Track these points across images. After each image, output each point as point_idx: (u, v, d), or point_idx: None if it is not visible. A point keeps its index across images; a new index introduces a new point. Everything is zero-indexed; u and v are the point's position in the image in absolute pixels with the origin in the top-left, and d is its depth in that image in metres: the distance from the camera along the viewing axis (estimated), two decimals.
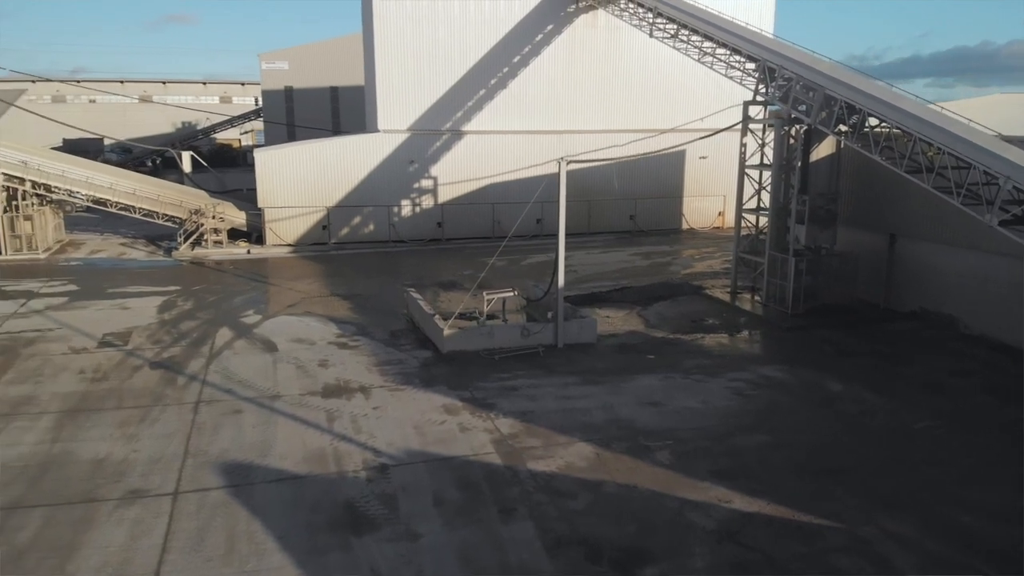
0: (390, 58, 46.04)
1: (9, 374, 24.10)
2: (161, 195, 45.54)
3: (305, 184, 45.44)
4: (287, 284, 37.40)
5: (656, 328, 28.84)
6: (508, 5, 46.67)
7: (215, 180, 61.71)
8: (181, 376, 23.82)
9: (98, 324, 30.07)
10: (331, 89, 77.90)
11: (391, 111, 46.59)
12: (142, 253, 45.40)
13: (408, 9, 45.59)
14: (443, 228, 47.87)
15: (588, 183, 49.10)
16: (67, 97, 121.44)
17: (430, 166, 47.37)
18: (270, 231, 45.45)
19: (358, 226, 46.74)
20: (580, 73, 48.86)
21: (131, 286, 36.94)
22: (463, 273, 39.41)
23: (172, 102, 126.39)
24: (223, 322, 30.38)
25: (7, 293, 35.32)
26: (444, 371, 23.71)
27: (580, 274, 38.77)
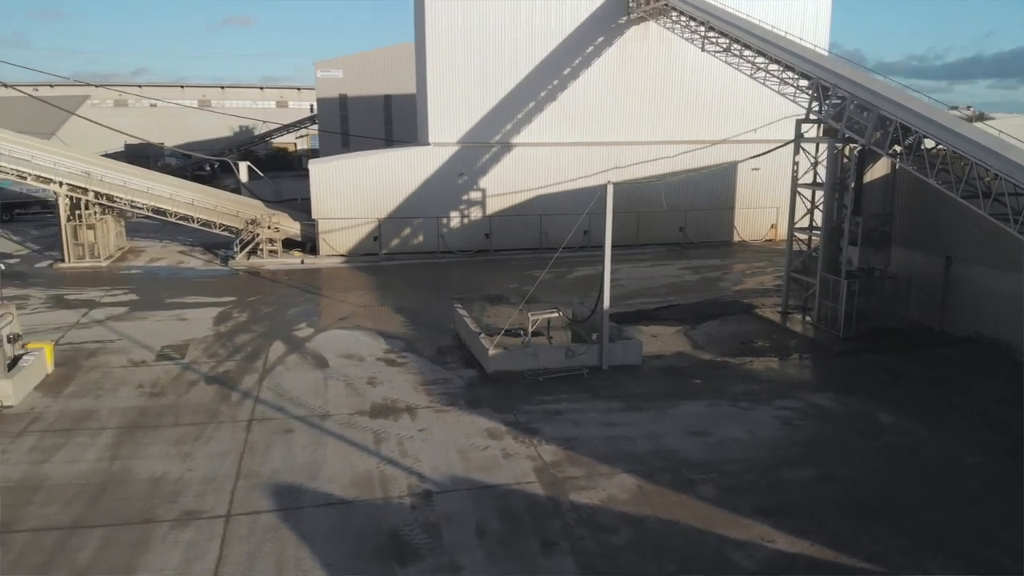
0: (441, 72, 46.56)
1: (71, 386, 25.10)
2: (219, 205, 46.77)
3: (357, 196, 46.22)
4: (339, 296, 38.10)
5: (704, 349, 28.65)
6: (559, 18, 46.78)
7: (271, 189, 62.90)
8: (235, 392, 24.50)
9: (157, 336, 31.09)
10: (384, 97, 78.93)
11: (441, 124, 47.10)
12: (199, 262, 46.69)
13: (459, 24, 46.03)
14: (491, 239, 48.20)
15: (637, 195, 48.79)
16: (129, 101, 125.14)
17: (479, 178, 47.74)
18: (323, 242, 46.34)
19: (408, 237, 47.36)
20: (630, 84, 48.73)
21: (188, 296, 38.06)
22: (509, 287, 39.66)
23: (230, 107, 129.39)
24: (276, 335, 31.13)
25: (70, 302, 36.70)
26: (488, 392, 23.95)
27: (627, 289, 38.66)
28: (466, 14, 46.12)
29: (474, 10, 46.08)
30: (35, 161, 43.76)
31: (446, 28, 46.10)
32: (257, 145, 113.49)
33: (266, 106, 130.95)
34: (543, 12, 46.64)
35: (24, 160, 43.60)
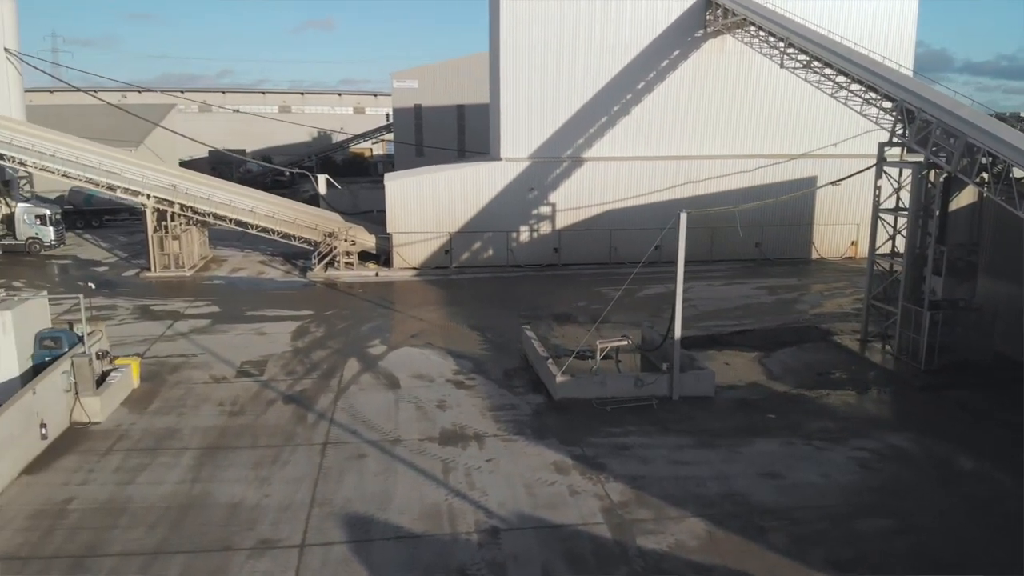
0: (514, 88, 46.81)
1: (156, 403, 26.20)
2: (298, 219, 48.07)
3: (430, 211, 46.87)
4: (410, 311, 38.70)
5: (779, 380, 28.06)
6: (634, 32, 46.47)
7: (348, 199, 64.36)
8: (311, 413, 25.17)
9: (237, 351, 32.17)
10: (457, 107, 79.69)
11: (513, 139, 47.36)
12: (279, 272, 48.07)
13: (534, 40, 46.19)
14: (560, 254, 48.21)
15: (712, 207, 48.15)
16: (213, 107, 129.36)
17: (549, 193, 47.80)
18: (397, 255, 47.14)
19: (478, 251, 47.77)
20: (706, 98, 48.05)
21: (268, 309, 39.24)
22: (577, 304, 39.63)
23: (309, 112, 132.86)
24: (351, 352, 31.84)
25: (155, 314, 38.27)
26: (556, 421, 23.99)
27: (699, 310, 38.15)
28: (541, 30, 46.25)
29: (548, 26, 46.17)
30: (124, 174, 45.81)
31: (520, 44, 46.32)
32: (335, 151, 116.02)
33: (344, 112, 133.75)
34: (618, 27, 46.40)
35: (114, 173, 45.67)
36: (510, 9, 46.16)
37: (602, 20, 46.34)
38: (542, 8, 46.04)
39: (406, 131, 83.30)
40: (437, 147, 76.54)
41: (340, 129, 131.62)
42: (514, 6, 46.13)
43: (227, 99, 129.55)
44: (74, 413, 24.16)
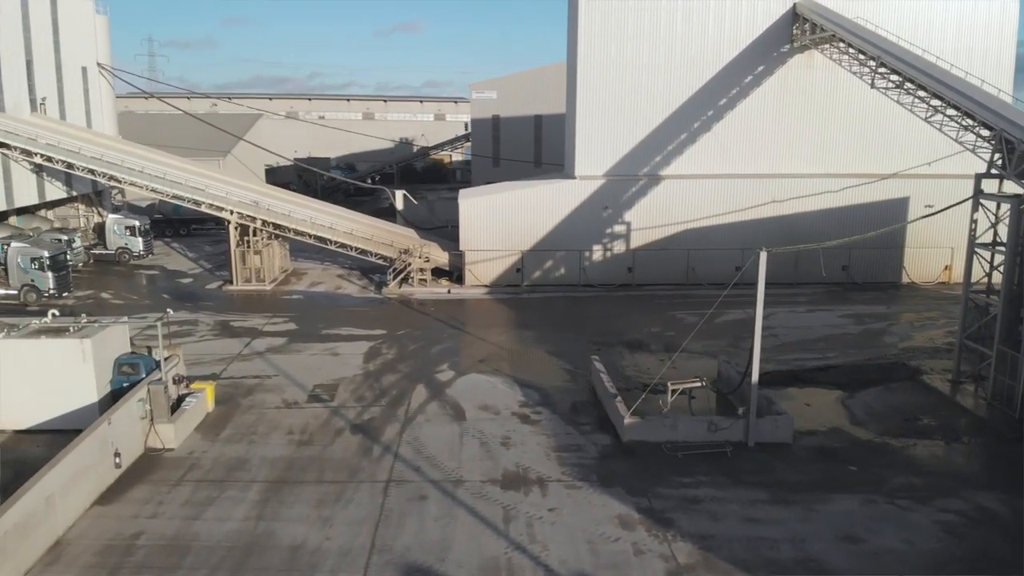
0: (590, 105, 46.14)
1: (228, 429, 26.68)
2: (375, 235, 48.59)
3: (502, 229, 46.64)
4: (480, 333, 38.51)
5: (862, 425, 26.61)
6: (716, 48, 45.17)
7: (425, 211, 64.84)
8: (377, 445, 25.18)
9: (310, 372, 32.59)
10: (535, 118, 79.39)
11: (588, 157, 46.69)
12: (355, 287, 48.68)
13: (612, 55, 45.42)
14: (634, 273, 47.25)
15: (798, 228, 46.57)
16: (299, 113, 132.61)
17: (624, 211, 46.91)
18: (469, 272, 47.10)
19: (550, 269, 47.28)
20: (791, 114, 46.34)
21: (343, 327, 39.69)
22: (651, 330, 38.71)
23: (391, 119, 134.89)
24: (419, 378, 31.85)
25: (234, 330, 39.18)
26: (623, 467, 23.29)
27: (781, 340, 36.72)
28: (619, 46, 45.47)
29: (627, 42, 45.34)
30: (209, 190, 47.18)
31: (598, 61, 45.63)
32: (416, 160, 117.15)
33: (425, 119, 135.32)
34: (700, 42, 45.19)
35: (199, 189, 47.08)
36: (588, 25, 45.52)
37: (684, 36, 45.20)
38: (621, 24, 45.23)
39: (484, 142, 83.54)
40: (514, 160, 76.45)
41: (421, 136, 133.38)
42: (592, 22, 45.48)
43: (313, 105, 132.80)
44: (149, 439, 24.81)
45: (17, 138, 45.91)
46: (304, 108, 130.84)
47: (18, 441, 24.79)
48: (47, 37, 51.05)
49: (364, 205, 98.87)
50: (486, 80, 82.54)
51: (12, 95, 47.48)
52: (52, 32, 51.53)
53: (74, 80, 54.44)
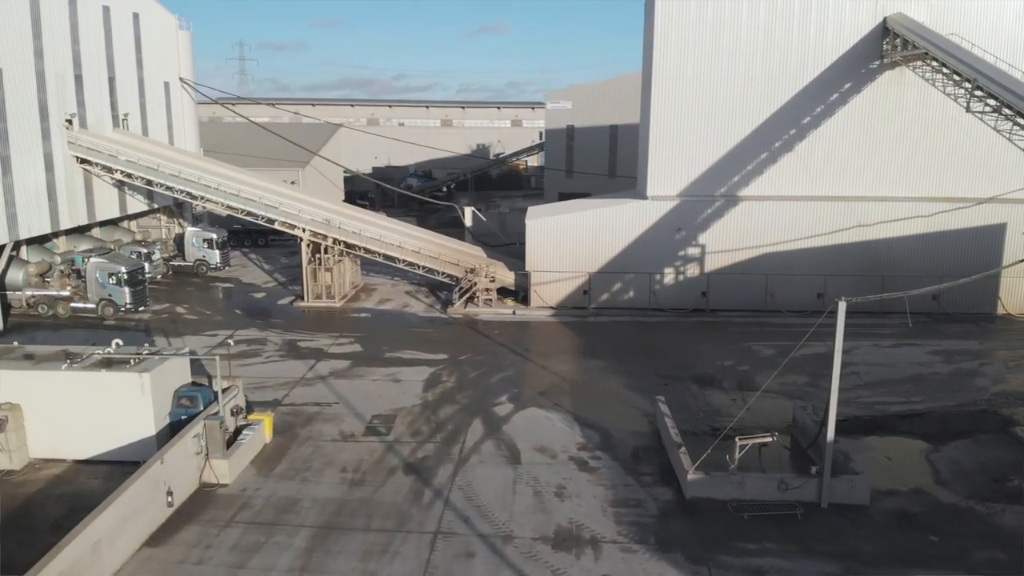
0: (665, 122, 44.60)
1: (283, 463, 26.50)
2: (442, 254, 48.22)
3: (569, 250, 45.57)
4: (542, 360, 37.55)
5: (947, 485, 24.53)
6: (800, 64, 43.00)
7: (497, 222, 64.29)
8: (428, 489, 24.53)
9: (370, 400, 32.30)
10: (610, 127, 77.92)
11: (661, 176, 45.16)
12: (422, 306, 48.41)
13: (689, 71, 43.78)
14: (708, 298, 45.43)
15: (885, 255, 44.19)
16: (380, 120, 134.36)
17: (698, 233, 45.15)
18: (535, 293, 46.19)
19: (618, 292, 45.93)
20: (879, 134, 43.74)
21: (406, 349, 39.36)
22: (723, 364, 37.00)
23: (469, 126, 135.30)
24: (477, 411, 31.14)
25: (301, 351, 39.31)
26: (684, 529, 21.94)
27: (862, 379, 34.54)
28: (696, 62, 43.78)
29: (705, 57, 43.61)
30: (282, 208, 47.64)
31: (673, 76, 44.05)
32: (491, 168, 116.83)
33: (502, 125, 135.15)
34: (782, 58, 43.09)
35: (272, 207, 47.61)
36: (664, 38, 44.00)
37: (765, 51, 43.18)
38: (699, 37, 43.53)
39: (557, 152, 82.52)
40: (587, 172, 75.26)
41: (498, 142, 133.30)
42: (668, 35, 43.94)
43: (394, 112, 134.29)
44: (204, 474, 24.79)
45: (98, 155, 47.36)
46: (385, 115, 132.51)
47: (76, 472, 25.14)
48: (130, 55, 52.59)
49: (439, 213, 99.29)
50: (561, 90, 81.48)
51: (94, 112, 49.02)
52: (135, 50, 53.06)
53: (156, 95, 55.97)
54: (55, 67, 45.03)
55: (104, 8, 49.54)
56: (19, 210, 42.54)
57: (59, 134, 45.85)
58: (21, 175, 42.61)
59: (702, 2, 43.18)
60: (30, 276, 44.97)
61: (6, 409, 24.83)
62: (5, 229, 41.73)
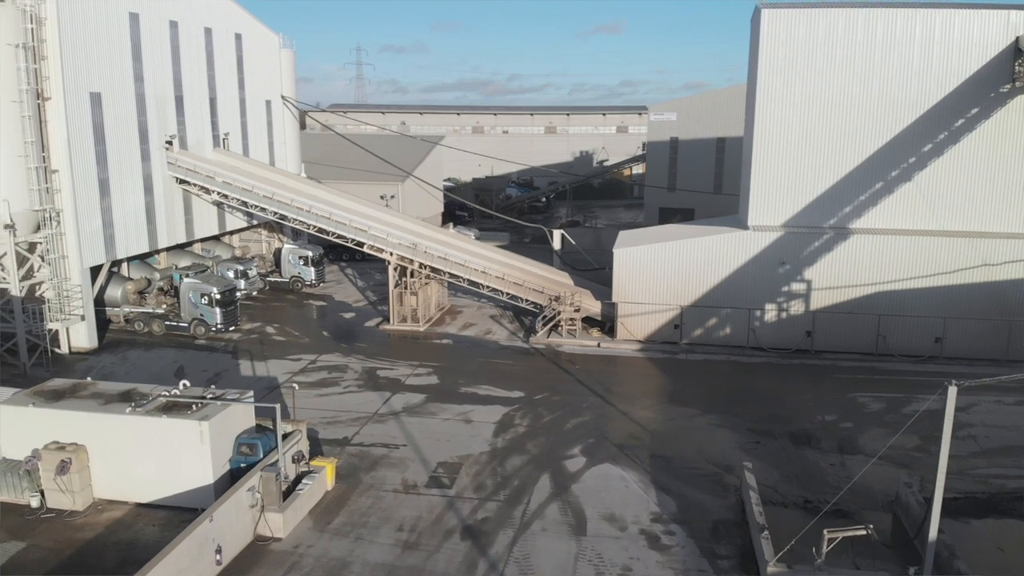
0: (769, 146, 41.54)
1: (340, 516, 25.67)
2: (526, 281, 46.82)
3: (660, 281, 43.16)
4: (624, 404, 35.47)
5: None
6: (921, 87, 39.09)
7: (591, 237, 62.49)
8: (483, 560, 23.11)
9: (438, 444, 31.22)
10: (717, 140, 74.43)
11: (764, 205, 42.09)
12: (504, 333, 47.09)
13: (797, 93, 40.56)
14: (812, 338, 41.98)
15: (1013, 298, 39.74)
16: (485, 128, 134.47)
17: (804, 268, 41.80)
18: (621, 325, 44.03)
19: (713, 328, 43.12)
20: (1010, 164, 39.46)
21: (482, 384, 38.16)
22: (824, 419, 33.90)
23: (573, 133, 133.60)
24: (547, 464, 29.49)
25: (379, 381, 38.71)
26: None
27: (980, 445, 30.83)
28: (805, 83, 40.51)
29: (815, 78, 40.28)
30: (370, 231, 47.45)
31: (780, 98, 40.92)
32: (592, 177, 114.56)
33: (607, 131, 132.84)
34: (902, 81, 39.28)
35: (361, 231, 47.47)
36: (770, 57, 40.92)
37: (882, 72, 39.45)
38: (808, 57, 40.22)
39: (660, 165, 79.68)
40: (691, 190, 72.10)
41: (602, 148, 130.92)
42: (775, 54, 40.82)
43: (498, 120, 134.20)
44: (258, 526, 24.22)
45: (196, 176, 48.42)
46: (490, 123, 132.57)
47: (137, 516, 25.06)
48: (231, 75, 53.65)
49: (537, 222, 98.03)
50: (666, 102, 78.56)
51: (195, 133, 50.19)
52: (236, 70, 54.10)
53: (257, 114, 57.00)
54: (155, 90, 46.27)
55: (206, 30, 50.67)
56: (116, 231, 43.88)
57: (159, 155, 47.11)
58: (120, 197, 43.93)
59: (813, 17, 39.87)
60: (128, 294, 46.42)
61: (71, 451, 25.00)
62: (102, 250, 43.07)
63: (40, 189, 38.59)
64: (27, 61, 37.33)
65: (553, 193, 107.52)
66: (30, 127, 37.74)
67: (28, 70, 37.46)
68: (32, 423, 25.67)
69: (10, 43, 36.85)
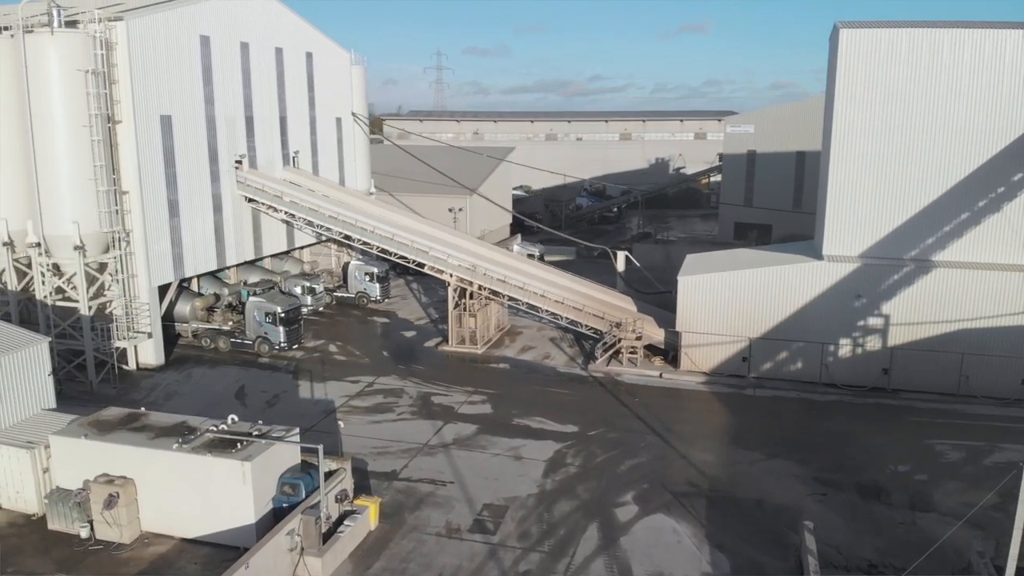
0: (846, 172, 39.36)
1: (381, 560, 25.32)
2: (587, 306, 45.75)
3: (728, 311, 41.39)
4: (684, 446, 34.04)
5: None
6: (1010, 110, 36.39)
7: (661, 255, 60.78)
8: None
9: (486, 483, 30.56)
10: (796, 154, 71.45)
11: (840, 235, 39.93)
12: (563, 358, 46.11)
13: (877, 117, 38.30)
14: (889, 376, 39.57)
15: None
16: (558, 135, 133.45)
17: (881, 302, 39.42)
18: (685, 356, 42.45)
19: (783, 362, 41.12)
20: None
21: (535, 415, 37.34)
22: (897, 469, 31.76)
23: (649, 139, 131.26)
24: (596, 511, 28.46)
25: (432, 409, 38.33)
26: None
27: None
28: (886, 106, 38.20)
29: (897, 101, 37.92)
30: (431, 253, 47.30)
31: (858, 122, 38.71)
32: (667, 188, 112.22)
33: (684, 138, 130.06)
34: (990, 105, 36.61)
35: (423, 252, 47.34)
36: (848, 78, 38.73)
37: (969, 95, 36.85)
38: (890, 80, 37.88)
39: (736, 179, 77.11)
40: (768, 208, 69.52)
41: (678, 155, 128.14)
42: (853, 75, 38.62)
43: (572, 127, 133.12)
44: (297, 570, 24.03)
45: (264, 195, 49.11)
46: (563, 130, 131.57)
47: (180, 553, 25.20)
48: (302, 93, 54.30)
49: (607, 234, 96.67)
50: (743, 113, 76.01)
51: (265, 152, 50.96)
52: (307, 88, 54.74)
53: (328, 131, 57.57)
54: (225, 111, 47.10)
55: (277, 50, 51.36)
56: (185, 250, 44.87)
57: (228, 175, 47.98)
58: (189, 217, 44.88)
59: (895, 38, 37.53)
60: (196, 310, 47.40)
61: (119, 484, 25.33)
62: (171, 269, 44.07)
63: (110, 211, 39.62)
64: (97, 86, 38.31)
65: (625, 204, 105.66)
66: (100, 151, 38.70)
67: (98, 95, 38.44)
68: (84, 455, 26.18)
69: (80, 69, 37.83)
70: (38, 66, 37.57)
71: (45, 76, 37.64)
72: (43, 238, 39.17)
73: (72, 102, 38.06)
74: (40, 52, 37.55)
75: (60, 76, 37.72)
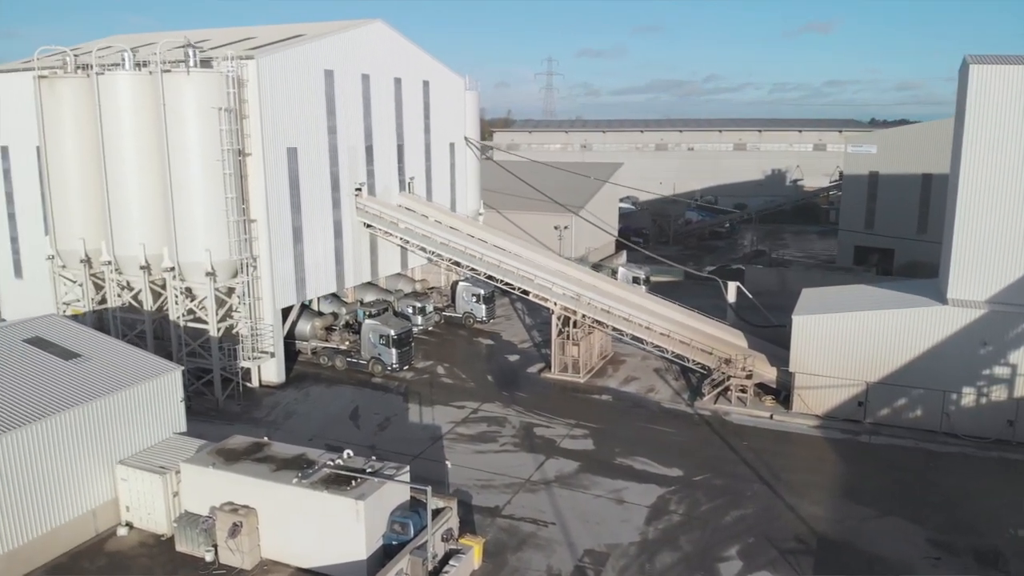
0: (974, 213, 37.45)
1: None
2: (693, 340, 45.23)
3: (844, 353, 40.03)
4: (793, 496, 33.24)
5: None
6: None
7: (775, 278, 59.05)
8: None
9: (587, 527, 30.85)
10: (922, 176, 68.13)
11: (967, 278, 37.98)
12: (668, 392, 45.74)
13: (1010, 158, 36.28)
14: (1015, 428, 37.40)
15: None
16: (669, 145, 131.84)
17: (1010, 350, 37.27)
18: (798, 397, 41.36)
19: (901, 409, 39.46)
20: None
21: (639, 455, 37.28)
22: (1018, 533, 29.99)
23: (765, 150, 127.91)
24: (698, 566, 28.31)
25: (535, 442, 38.91)
26: None
27: None
28: (1020, 145, 36.08)
29: None
30: (536, 281, 47.96)
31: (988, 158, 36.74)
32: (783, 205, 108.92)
33: (802, 149, 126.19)
34: None
35: (528, 279, 48.05)
36: (979, 117, 36.79)
37: None
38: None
39: (857, 201, 74.09)
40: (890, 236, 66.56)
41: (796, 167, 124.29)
42: (985, 113, 36.65)
43: (683, 137, 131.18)
44: None
45: (382, 221, 51.01)
46: (674, 140, 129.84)
47: None
48: (418, 121, 56.03)
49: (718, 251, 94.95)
50: (864, 132, 73.04)
51: (382, 179, 52.93)
52: (423, 116, 56.44)
53: (441, 157, 59.18)
54: (347, 141, 49.23)
55: (396, 80, 53.19)
56: (308, 274, 47.20)
57: (348, 202, 50.12)
58: (311, 242, 47.16)
59: None
60: (316, 329, 49.78)
61: (242, 514, 27.08)
62: (294, 292, 46.44)
63: (239, 240, 42.13)
64: (230, 123, 40.77)
65: (738, 220, 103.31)
66: (231, 183, 41.20)
67: (231, 131, 40.89)
68: (211, 483, 28.10)
69: (214, 106, 40.37)
70: (175, 104, 40.28)
71: (181, 113, 40.34)
72: (177, 263, 42.04)
73: (206, 137, 40.65)
74: (177, 91, 40.26)
75: (196, 113, 40.38)
